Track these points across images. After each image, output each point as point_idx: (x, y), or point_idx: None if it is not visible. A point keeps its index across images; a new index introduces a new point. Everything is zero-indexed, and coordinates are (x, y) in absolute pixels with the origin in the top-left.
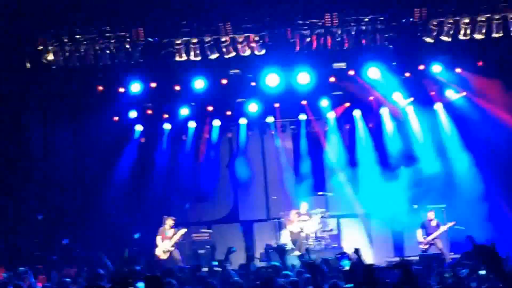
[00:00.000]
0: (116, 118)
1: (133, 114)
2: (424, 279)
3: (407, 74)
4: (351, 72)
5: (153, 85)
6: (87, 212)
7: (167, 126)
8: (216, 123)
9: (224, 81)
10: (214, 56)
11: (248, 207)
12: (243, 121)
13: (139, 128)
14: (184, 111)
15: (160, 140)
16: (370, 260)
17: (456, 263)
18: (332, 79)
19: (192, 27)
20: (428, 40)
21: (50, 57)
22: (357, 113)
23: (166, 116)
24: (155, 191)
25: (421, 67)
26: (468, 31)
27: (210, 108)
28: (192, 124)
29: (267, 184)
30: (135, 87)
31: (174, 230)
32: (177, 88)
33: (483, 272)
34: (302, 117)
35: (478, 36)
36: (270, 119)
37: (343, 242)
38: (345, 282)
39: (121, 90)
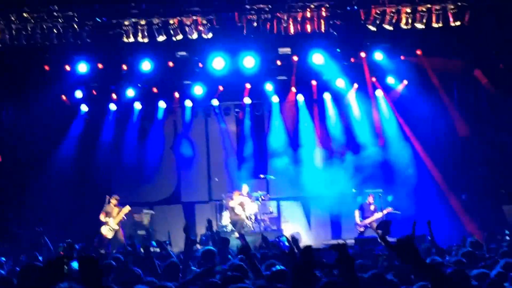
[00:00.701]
0: (64, 97)
1: (79, 94)
2: (359, 261)
3: (352, 60)
4: (296, 58)
5: (100, 66)
6: (30, 190)
7: (112, 107)
8: (162, 104)
9: (171, 64)
10: (161, 38)
11: (190, 188)
12: (188, 103)
13: (84, 108)
14: (130, 92)
15: (106, 120)
16: (309, 242)
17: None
18: (277, 63)
19: (140, 9)
20: (371, 28)
21: None
22: (300, 98)
23: (112, 96)
24: (99, 170)
25: (363, 54)
26: (410, 20)
27: (155, 90)
28: (138, 105)
29: (209, 166)
30: (82, 67)
31: (118, 209)
32: (124, 69)
33: None
34: (247, 100)
35: (419, 26)
36: (215, 102)
37: (282, 225)
38: (281, 264)
39: (68, 68)
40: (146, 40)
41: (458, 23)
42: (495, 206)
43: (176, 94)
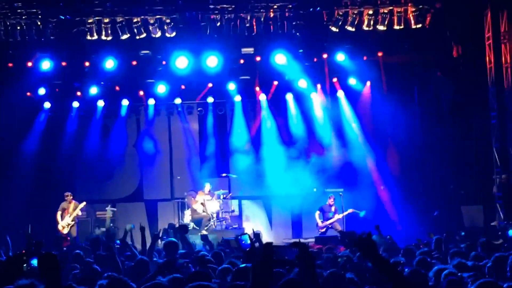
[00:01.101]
0: (28, 94)
1: (42, 91)
2: (318, 260)
3: (315, 60)
4: (259, 58)
5: (64, 63)
6: None
7: (76, 104)
8: (125, 102)
9: (134, 62)
10: (125, 36)
11: (153, 186)
12: (151, 101)
13: (47, 105)
14: (94, 90)
15: (69, 117)
16: (269, 240)
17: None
18: (240, 63)
19: (104, 7)
20: (334, 29)
21: None
22: (263, 98)
23: (75, 94)
24: (62, 167)
25: (325, 55)
26: (372, 22)
27: (117, 88)
28: (101, 103)
29: (172, 165)
30: (45, 65)
31: (74, 204)
32: (87, 66)
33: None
34: (209, 99)
35: (380, 27)
36: (177, 101)
37: (244, 223)
38: (242, 262)
39: (30, 64)
40: (109, 38)
41: (419, 25)
42: (454, 207)
43: (140, 92)
